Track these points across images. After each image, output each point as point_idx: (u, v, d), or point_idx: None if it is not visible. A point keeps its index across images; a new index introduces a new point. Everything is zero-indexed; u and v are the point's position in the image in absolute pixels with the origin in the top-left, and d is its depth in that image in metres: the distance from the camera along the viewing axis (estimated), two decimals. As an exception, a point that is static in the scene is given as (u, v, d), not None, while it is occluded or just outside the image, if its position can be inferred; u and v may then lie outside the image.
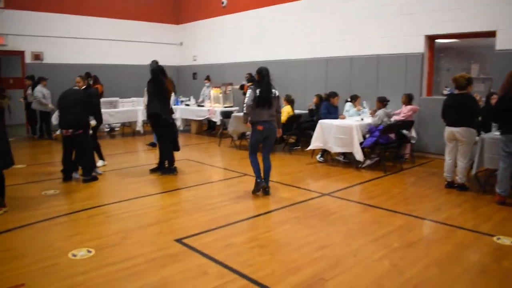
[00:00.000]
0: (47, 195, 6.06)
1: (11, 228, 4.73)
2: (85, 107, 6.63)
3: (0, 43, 11.85)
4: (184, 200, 5.85)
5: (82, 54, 13.35)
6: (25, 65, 12.42)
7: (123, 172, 7.45)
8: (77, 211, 5.33)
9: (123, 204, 5.65)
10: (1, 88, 4.84)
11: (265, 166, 6.03)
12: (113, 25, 14.12)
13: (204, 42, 14.67)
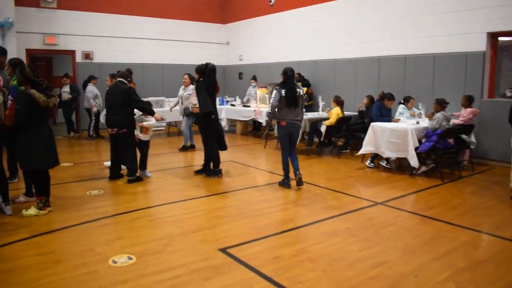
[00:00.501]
0: (92, 195, 6.01)
1: (54, 230, 4.66)
2: (128, 105, 6.55)
3: (53, 42, 12.13)
4: (229, 205, 5.62)
5: (130, 53, 13.47)
6: (76, 64, 12.66)
7: (167, 173, 7.33)
8: (121, 213, 5.21)
9: (167, 207, 5.49)
10: (48, 87, 4.75)
11: (293, 159, 6.40)
12: (161, 24, 14.17)
13: (251, 41, 14.48)
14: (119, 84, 6.67)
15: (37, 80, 4.84)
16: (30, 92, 4.74)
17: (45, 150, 4.97)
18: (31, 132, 4.89)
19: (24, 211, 5.15)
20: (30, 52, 11.86)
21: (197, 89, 6.95)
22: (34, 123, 4.89)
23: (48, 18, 12.11)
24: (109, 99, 6.65)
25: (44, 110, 4.92)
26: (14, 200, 5.61)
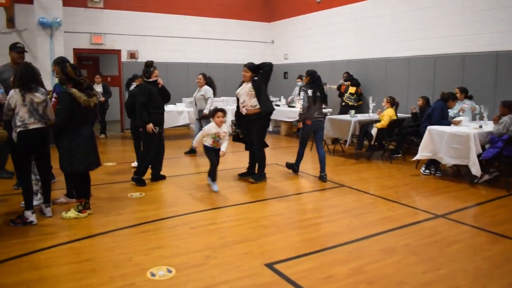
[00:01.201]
0: (133, 198, 5.81)
1: (92, 235, 4.46)
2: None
3: (99, 42, 12.20)
4: (275, 213, 5.24)
5: (174, 52, 13.37)
6: (121, 63, 12.69)
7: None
8: (161, 219, 4.97)
9: (209, 213, 5.20)
10: (89, 86, 4.56)
11: (321, 155, 6.93)
12: (205, 23, 14.00)
13: (297, 39, 14.05)
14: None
15: (78, 79, 4.67)
16: (70, 92, 4.57)
17: (86, 152, 4.80)
18: (71, 133, 4.73)
19: (64, 213, 5.00)
20: (77, 51, 11.97)
21: (256, 88, 6.59)
22: (75, 123, 4.72)
23: (95, 18, 12.19)
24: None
25: (85, 110, 4.74)
26: (54, 200, 5.51)
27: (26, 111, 4.69)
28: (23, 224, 4.78)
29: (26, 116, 4.71)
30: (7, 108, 4.67)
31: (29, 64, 4.84)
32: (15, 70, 4.76)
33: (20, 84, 4.66)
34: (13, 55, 6.14)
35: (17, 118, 4.68)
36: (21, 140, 4.70)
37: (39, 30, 10.58)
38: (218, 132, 6.11)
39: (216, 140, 6.14)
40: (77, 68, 4.80)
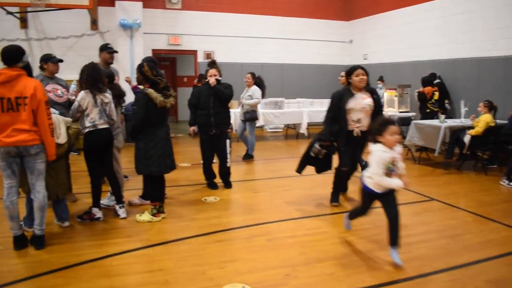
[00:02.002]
0: (207, 202, 5.61)
1: (166, 241, 4.27)
2: None
3: (176, 43, 12.32)
4: (359, 227, 4.74)
5: (250, 53, 13.20)
6: (197, 64, 12.74)
7: (286, 183, 6.69)
8: (236, 228, 4.69)
9: (287, 224, 4.83)
10: (167, 86, 4.38)
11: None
12: (281, 23, 13.69)
13: (377, 38, 13.31)
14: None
15: (154, 79, 4.51)
16: (147, 92, 4.43)
17: (162, 154, 4.64)
18: (147, 134, 4.60)
19: (138, 216, 4.89)
20: (156, 52, 12.16)
21: (377, 103, 6.27)
22: (152, 124, 4.58)
23: (173, 19, 12.34)
24: None
25: (161, 110, 4.58)
26: (130, 201, 5.45)
27: (98, 112, 4.65)
28: (90, 220, 4.82)
29: (97, 117, 4.66)
30: (76, 110, 4.60)
31: (95, 64, 4.78)
32: (81, 71, 4.69)
33: (91, 85, 4.60)
34: (105, 55, 6.20)
35: (86, 119, 4.63)
36: (90, 140, 4.67)
37: (120, 32, 10.88)
38: (393, 157, 3.73)
39: (390, 170, 3.73)
40: (155, 68, 4.65)
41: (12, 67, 3.83)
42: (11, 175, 3.93)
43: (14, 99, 3.76)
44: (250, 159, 8.44)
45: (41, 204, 4.07)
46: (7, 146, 3.79)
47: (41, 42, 11.11)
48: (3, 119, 3.77)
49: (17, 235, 4.07)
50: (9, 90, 3.75)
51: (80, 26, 11.27)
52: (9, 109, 3.75)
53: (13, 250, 4.03)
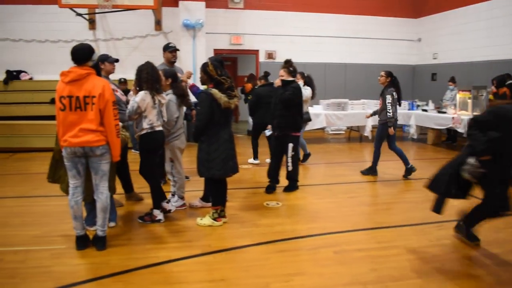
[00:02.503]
0: (269, 207, 5.38)
1: (227, 248, 4.09)
2: None
3: (238, 42, 12.23)
4: (435, 243, 4.28)
5: (312, 52, 12.84)
6: (259, 63, 12.58)
7: (351, 189, 6.32)
8: (301, 237, 4.42)
9: (355, 236, 4.49)
10: (230, 87, 4.19)
11: (399, 151, 6.85)
12: (344, 21, 13.20)
13: (448, 36, 12.47)
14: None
15: (219, 78, 4.34)
16: (211, 92, 4.26)
17: (225, 157, 4.46)
18: (211, 136, 4.43)
19: (199, 219, 4.75)
20: (217, 52, 12.11)
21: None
22: (215, 125, 4.41)
23: (235, 18, 12.25)
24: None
25: (225, 111, 4.40)
26: (190, 204, 5.35)
27: (156, 113, 4.57)
28: (151, 221, 4.75)
29: (155, 118, 4.59)
30: (134, 112, 4.49)
31: (153, 64, 4.68)
32: (138, 70, 4.59)
33: (150, 86, 4.50)
34: (167, 55, 6.20)
35: (144, 121, 4.54)
36: (148, 142, 4.60)
37: (183, 32, 10.92)
38: None
39: None
40: (220, 67, 4.48)
41: (81, 66, 3.80)
42: (77, 175, 3.91)
43: (82, 98, 3.73)
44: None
45: (104, 204, 4.02)
46: (73, 146, 3.76)
47: (107, 43, 11.41)
48: (70, 118, 3.75)
49: (80, 235, 4.05)
50: (78, 89, 3.73)
51: (145, 27, 11.46)
52: (77, 108, 3.73)
53: (74, 250, 4.01)
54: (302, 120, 6.09)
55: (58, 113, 3.78)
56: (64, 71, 3.77)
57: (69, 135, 3.76)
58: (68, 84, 3.73)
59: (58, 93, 3.75)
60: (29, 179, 7.00)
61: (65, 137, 3.78)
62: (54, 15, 10.66)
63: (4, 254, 4.00)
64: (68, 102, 3.72)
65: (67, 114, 3.75)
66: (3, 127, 9.43)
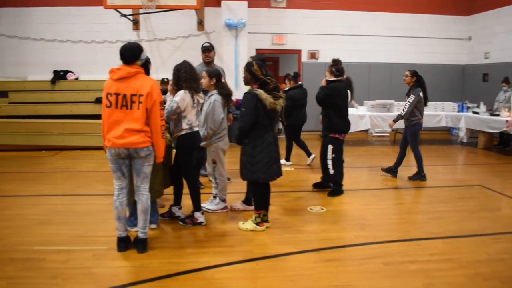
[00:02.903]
0: (313, 212, 5.18)
1: (270, 255, 3.92)
2: None
3: (280, 42, 12.05)
4: (494, 257, 3.93)
5: (356, 52, 12.45)
6: (301, 63, 12.34)
7: (399, 195, 6.02)
8: (348, 245, 4.21)
9: (406, 246, 4.21)
10: (276, 87, 4.02)
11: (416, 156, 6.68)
12: (389, 19, 12.71)
13: (502, 34, 11.78)
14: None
15: (264, 78, 4.18)
16: (256, 93, 4.10)
17: (269, 160, 4.30)
18: (255, 138, 4.28)
19: (241, 223, 4.61)
20: (259, 52, 11.97)
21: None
22: (260, 127, 4.25)
23: (277, 18, 12.07)
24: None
25: (270, 113, 4.24)
26: (232, 206, 5.23)
27: (195, 113, 4.49)
28: (192, 224, 4.66)
29: (194, 118, 4.50)
30: (174, 112, 4.38)
31: (190, 63, 4.58)
32: (176, 69, 4.49)
33: (189, 85, 4.40)
34: (202, 55, 6.15)
35: (184, 121, 4.45)
36: (187, 143, 4.51)
37: (225, 32, 10.86)
38: None
39: None
40: (264, 67, 4.33)
41: (131, 65, 3.74)
42: (121, 177, 3.84)
43: (129, 96, 3.66)
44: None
45: (145, 206, 3.95)
46: (118, 147, 3.69)
47: (151, 43, 11.51)
48: (115, 116, 3.69)
49: (122, 236, 4.00)
50: (125, 87, 3.67)
51: (187, 27, 11.49)
52: (123, 105, 3.66)
53: (115, 251, 3.96)
54: (343, 122, 5.80)
55: (104, 110, 3.74)
56: (114, 68, 3.73)
57: (114, 135, 3.69)
58: (116, 82, 3.68)
59: (106, 90, 3.70)
60: (73, 177, 7.09)
61: (109, 136, 3.71)
62: (100, 16, 10.87)
63: (47, 253, 4.00)
64: (114, 99, 3.66)
65: (113, 112, 3.69)
66: (50, 125, 9.65)
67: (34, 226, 4.68)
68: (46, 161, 8.48)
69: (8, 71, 11.71)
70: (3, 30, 11.56)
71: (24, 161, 8.45)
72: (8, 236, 4.43)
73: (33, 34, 11.51)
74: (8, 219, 4.99)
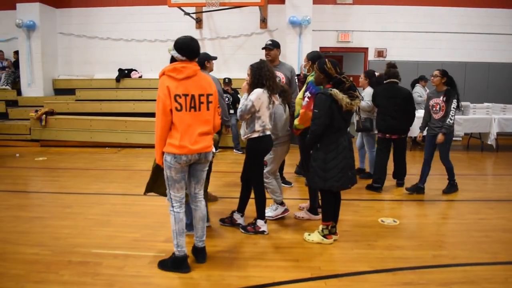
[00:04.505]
0: (385, 225, 4.71)
1: (340, 274, 3.53)
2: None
3: (346, 40, 11.53)
4: None
5: (428, 50, 11.63)
6: (368, 62, 11.74)
7: (479, 209, 5.36)
8: (426, 267, 3.70)
9: (495, 271, 3.65)
10: (351, 86, 3.63)
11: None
12: (464, 15, 11.69)
13: None
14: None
15: (339, 77, 3.79)
16: (331, 93, 3.72)
17: (343, 166, 3.91)
18: (329, 143, 3.90)
19: (307, 235, 4.26)
20: (323, 50, 11.52)
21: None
22: (334, 130, 3.88)
23: (343, 14, 11.55)
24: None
25: (346, 114, 3.86)
26: (295, 215, 4.89)
27: (268, 115, 4.22)
28: (254, 232, 4.38)
29: (267, 120, 4.23)
30: (248, 111, 4.12)
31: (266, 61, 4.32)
32: (256, 68, 4.19)
33: (270, 85, 4.11)
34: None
35: (257, 122, 4.16)
36: (259, 147, 4.26)
37: (288, 29, 10.53)
38: None
39: None
40: (338, 65, 3.94)
41: (192, 61, 3.42)
42: (184, 186, 3.53)
43: (197, 97, 3.37)
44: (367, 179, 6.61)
45: (203, 213, 3.70)
46: (193, 154, 3.37)
47: (213, 42, 11.43)
48: (186, 119, 3.31)
49: (186, 254, 3.60)
50: (193, 86, 3.36)
51: (250, 25, 11.27)
52: (191, 107, 3.33)
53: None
54: (383, 122, 6.00)
55: (174, 113, 3.29)
56: (177, 67, 3.33)
57: (189, 141, 3.33)
58: (182, 81, 3.31)
59: (172, 92, 3.26)
60: (133, 176, 7.05)
61: (183, 143, 3.31)
62: (164, 15, 10.94)
63: (104, 258, 3.88)
64: (184, 101, 3.29)
65: (183, 115, 3.30)
66: (113, 123, 9.79)
67: (93, 227, 4.60)
68: (108, 159, 8.57)
69: (76, 69, 12.11)
70: (73, 30, 11.95)
71: (88, 158, 8.59)
72: (67, 236, 4.37)
73: (100, 34, 11.81)
74: (69, 218, 4.97)
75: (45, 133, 10.11)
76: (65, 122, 10.10)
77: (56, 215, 5.08)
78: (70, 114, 10.46)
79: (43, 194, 6.23)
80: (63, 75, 12.17)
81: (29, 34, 11.30)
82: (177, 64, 3.35)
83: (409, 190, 5.92)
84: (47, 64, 11.70)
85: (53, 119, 10.15)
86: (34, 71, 11.52)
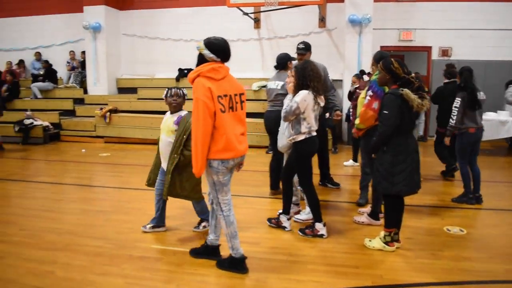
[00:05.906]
0: (451, 234, 4.46)
1: (403, 284, 3.38)
2: None
3: (408, 38, 11.10)
4: None
5: (499, 48, 10.87)
6: (431, 61, 11.24)
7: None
8: (498, 282, 3.47)
9: None
10: (420, 86, 3.47)
11: (476, 173, 5.42)
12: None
13: None
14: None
15: (407, 77, 3.63)
16: (402, 93, 3.56)
17: (411, 169, 3.75)
18: (396, 145, 3.74)
19: (368, 241, 4.12)
20: (384, 49, 11.12)
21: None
22: (403, 132, 3.72)
23: (405, 12, 11.09)
24: None
25: (414, 116, 3.70)
26: (354, 219, 4.80)
27: (314, 116, 4.13)
28: (312, 236, 4.29)
29: (313, 122, 4.15)
30: (292, 112, 4.05)
31: (314, 63, 4.28)
32: (300, 68, 4.13)
33: (314, 86, 4.05)
34: None
35: (303, 124, 4.10)
36: (306, 149, 4.18)
37: (348, 28, 10.27)
38: None
39: None
40: (405, 65, 3.77)
41: (223, 62, 3.37)
42: (230, 188, 3.52)
43: (233, 96, 3.33)
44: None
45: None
46: (240, 155, 3.38)
47: (271, 42, 11.41)
48: (229, 121, 3.24)
49: (243, 255, 3.57)
50: (230, 86, 3.33)
51: (308, 24, 11.13)
52: (230, 107, 3.29)
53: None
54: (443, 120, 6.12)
55: (218, 115, 3.17)
56: (215, 67, 3.24)
57: (237, 142, 3.31)
58: (220, 82, 3.25)
59: (214, 93, 3.15)
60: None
61: (233, 146, 3.26)
62: (222, 15, 11.04)
63: (164, 253, 3.99)
64: (225, 102, 3.24)
65: (226, 116, 3.23)
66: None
67: (153, 223, 4.69)
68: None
69: (138, 69, 12.53)
70: (135, 31, 12.38)
71: (149, 154, 8.76)
72: (129, 231, 4.49)
73: (161, 34, 12.16)
74: (130, 213, 5.12)
75: (109, 130, 10.55)
76: (127, 119, 10.50)
77: (119, 210, 5.26)
78: (132, 112, 10.84)
79: (106, 189, 6.48)
80: (126, 75, 12.65)
81: (95, 35, 11.84)
82: (214, 64, 3.28)
83: (456, 200, 5.55)
84: (111, 63, 12.21)
85: (117, 116, 10.57)
86: (99, 70, 12.06)
